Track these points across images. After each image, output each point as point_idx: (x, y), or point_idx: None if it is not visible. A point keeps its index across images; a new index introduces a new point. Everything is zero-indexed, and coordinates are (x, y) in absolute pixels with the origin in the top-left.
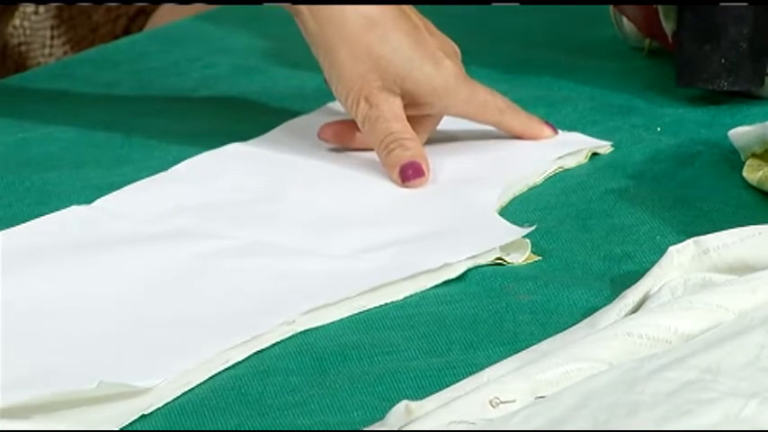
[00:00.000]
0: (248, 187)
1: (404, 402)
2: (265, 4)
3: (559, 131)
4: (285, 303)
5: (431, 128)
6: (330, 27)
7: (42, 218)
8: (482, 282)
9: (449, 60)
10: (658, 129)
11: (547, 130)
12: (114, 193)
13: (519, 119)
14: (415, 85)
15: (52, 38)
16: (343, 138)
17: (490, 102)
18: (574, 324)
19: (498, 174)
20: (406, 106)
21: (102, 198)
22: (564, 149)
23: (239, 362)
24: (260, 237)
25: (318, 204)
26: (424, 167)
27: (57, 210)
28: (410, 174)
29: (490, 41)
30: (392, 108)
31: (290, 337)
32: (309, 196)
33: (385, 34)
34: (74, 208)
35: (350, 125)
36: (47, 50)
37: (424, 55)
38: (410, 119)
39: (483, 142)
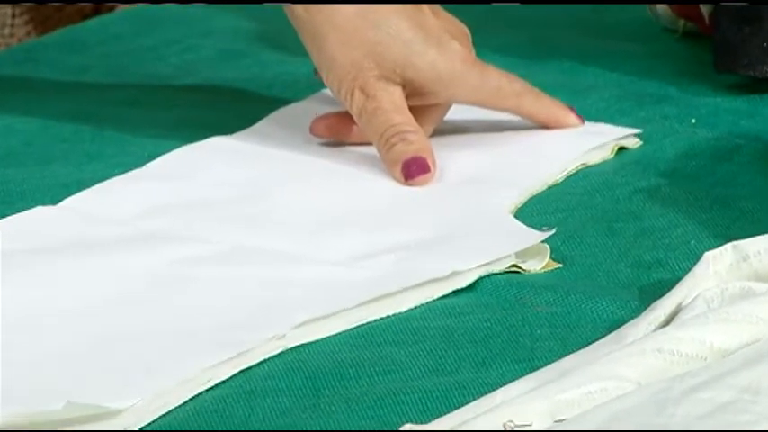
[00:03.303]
0: (233, 185)
1: (407, 426)
2: None
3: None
4: (274, 316)
5: (437, 118)
6: (319, 13)
7: (4, 220)
8: (495, 292)
9: (455, 43)
10: (693, 121)
11: (572, 117)
12: (84, 192)
13: (540, 104)
14: (417, 73)
15: (13, 17)
16: (339, 132)
17: (505, 86)
18: (598, 339)
19: (514, 171)
20: (408, 96)
21: (71, 198)
22: (588, 143)
23: (223, 381)
24: (246, 241)
25: (311, 205)
26: (429, 163)
27: (20, 211)
28: (414, 170)
29: (506, 23)
30: (392, 98)
31: (279, 354)
32: (301, 195)
33: (381, 18)
34: (39, 209)
35: (345, 117)
36: (7, 31)
37: (426, 38)
38: (413, 109)
39: (497, 134)
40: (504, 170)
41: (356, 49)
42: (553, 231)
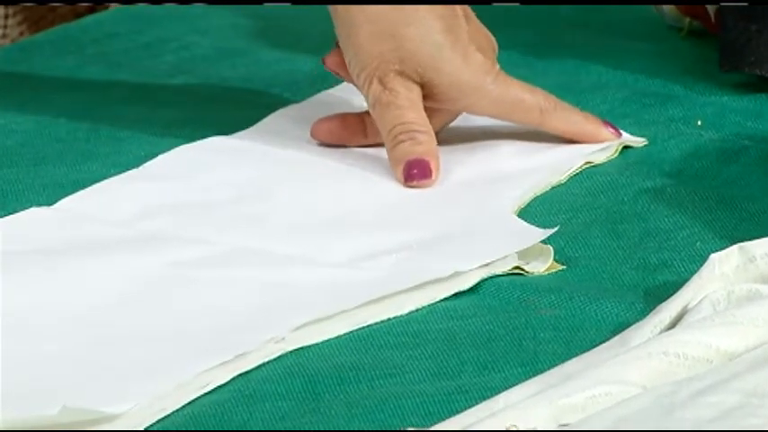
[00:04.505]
0: (232, 186)
1: (408, 430)
2: None
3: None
4: (273, 318)
5: (446, 122)
6: (355, 6)
7: None
8: (498, 294)
9: (480, 54)
10: (699, 123)
11: (605, 132)
12: (79, 192)
13: (568, 119)
14: (440, 77)
15: (6, 17)
16: (340, 136)
17: (527, 100)
18: (602, 342)
19: (517, 171)
20: (424, 97)
21: (66, 198)
22: (593, 145)
23: (221, 385)
24: (245, 242)
25: (311, 205)
26: (432, 167)
27: (14, 212)
28: (414, 173)
29: (508, 21)
30: (409, 95)
31: (278, 357)
32: (301, 196)
33: (414, 14)
34: (34, 210)
35: (346, 121)
36: (0, 31)
37: (454, 44)
38: (425, 110)
39: (501, 136)
40: (507, 171)
41: (385, 42)
42: (556, 229)
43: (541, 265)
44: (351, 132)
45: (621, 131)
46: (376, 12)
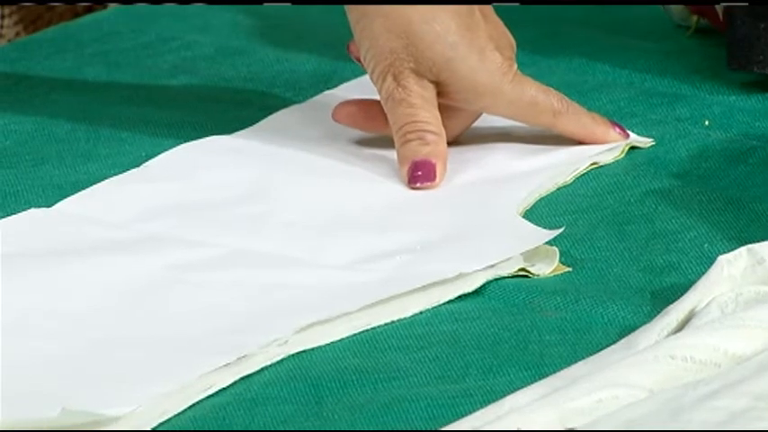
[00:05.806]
0: (232, 187)
1: None
2: None
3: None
4: (275, 321)
5: (467, 123)
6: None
7: None
8: (503, 296)
9: (497, 53)
10: (706, 122)
11: (612, 133)
12: (79, 194)
13: (578, 121)
14: (453, 77)
15: (2, 16)
16: (358, 121)
17: (541, 102)
18: (609, 345)
19: (523, 172)
20: (439, 95)
21: (65, 200)
22: (599, 146)
23: (224, 388)
24: (245, 244)
25: (313, 206)
26: (437, 170)
27: (13, 213)
28: (419, 175)
29: (511, 17)
30: (422, 93)
31: (281, 361)
32: (302, 197)
33: (431, 12)
34: (32, 211)
35: (366, 107)
36: None
37: (470, 43)
38: (445, 109)
39: (505, 135)
40: (512, 171)
41: (399, 38)
42: (561, 230)
43: (547, 267)
44: (370, 119)
45: (629, 132)
46: (392, 9)
